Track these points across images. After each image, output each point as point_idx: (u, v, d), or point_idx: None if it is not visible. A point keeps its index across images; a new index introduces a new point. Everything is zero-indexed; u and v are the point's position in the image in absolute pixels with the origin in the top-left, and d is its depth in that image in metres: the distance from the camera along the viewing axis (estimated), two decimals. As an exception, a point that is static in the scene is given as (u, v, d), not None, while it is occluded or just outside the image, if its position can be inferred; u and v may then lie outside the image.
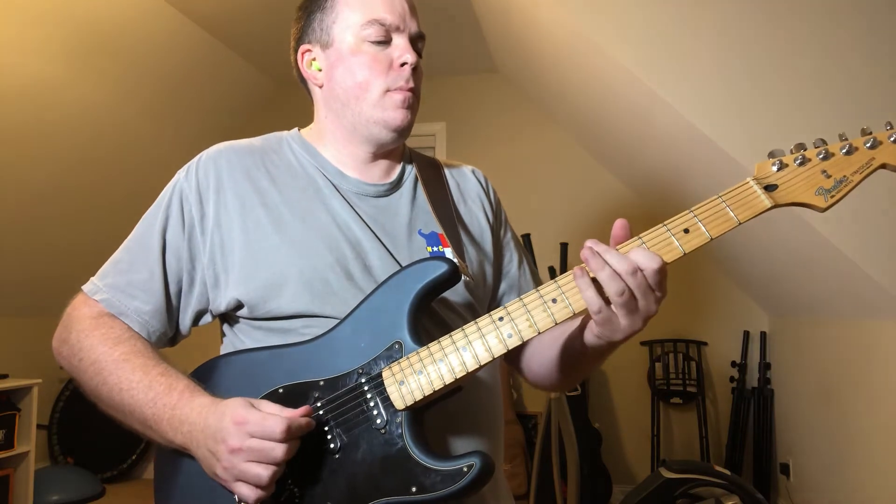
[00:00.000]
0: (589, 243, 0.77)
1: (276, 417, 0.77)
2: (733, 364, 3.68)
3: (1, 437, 3.17)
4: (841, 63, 1.97)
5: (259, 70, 4.12)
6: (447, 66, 4.07)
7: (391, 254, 0.95)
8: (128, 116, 3.54)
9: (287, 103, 4.36)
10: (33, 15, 2.77)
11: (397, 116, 0.97)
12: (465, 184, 1.12)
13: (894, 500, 2.21)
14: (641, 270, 0.75)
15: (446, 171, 1.11)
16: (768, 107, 2.05)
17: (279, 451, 0.76)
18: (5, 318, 3.74)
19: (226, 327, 1.00)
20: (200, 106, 3.98)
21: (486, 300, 1.05)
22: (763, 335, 3.62)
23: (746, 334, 3.67)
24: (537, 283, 1.13)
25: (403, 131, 0.99)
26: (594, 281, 0.77)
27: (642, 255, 0.76)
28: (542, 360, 1.01)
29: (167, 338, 0.98)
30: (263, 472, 0.76)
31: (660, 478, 2.52)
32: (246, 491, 0.77)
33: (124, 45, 3.19)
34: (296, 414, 0.78)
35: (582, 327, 0.87)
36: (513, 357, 1.08)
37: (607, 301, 0.77)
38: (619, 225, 0.80)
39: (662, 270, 0.76)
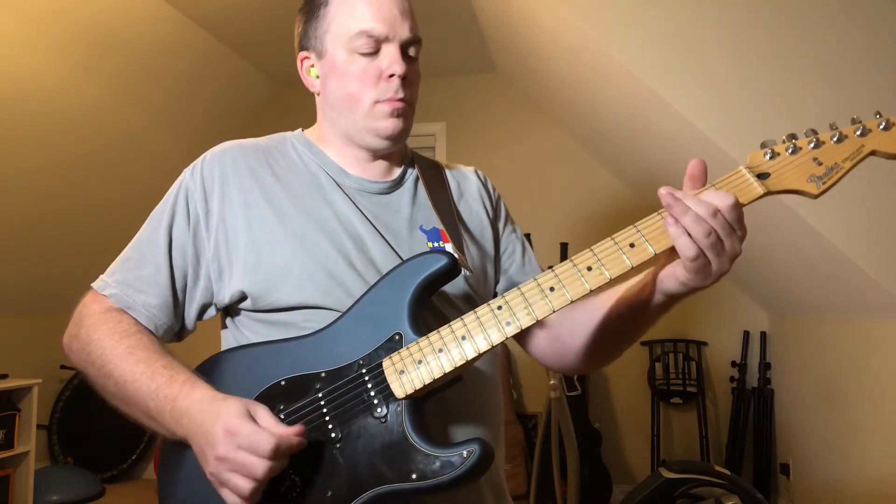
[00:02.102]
0: (664, 189, 0.77)
1: (266, 434, 0.76)
2: (733, 364, 3.69)
3: (1, 437, 3.17)
4: (837, 62, 1.98)
5: (259, 70, 4.13)
6: (447, 66, 4.07)
7: (393, 248, 0.97)
8: (128, 116, 3.55)
9: (287, 103, 4.36)
10: (33, 15, 2.78)
11: (388, 126, 0.98)
12: (466, 182, 1.14)
13: (895, 499, 2.21)
14: (720, 210, 0.76)
15: (447, 172, 1.13)
16: (767, 106, 2.06)
17: (261, 469, 0.75)
18: (5, 318, 3.74)
19: (227, 320, 1.02)
20: (200, 105, 3.99)
21: (486, 296, 1.06)
22: (763, 335, 3.62)
23: (746, 334, 3.68)
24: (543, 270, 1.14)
25: (396, 139, 1.00)
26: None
27: (715, 195, 0.77)
28: (578, 331, 0.99)
29: (173, 332, 0.99)
30: (244, 486, 0.76)
31: (660, 478, 2.52)
32: (230, 498, 0.78)
33: (124, 44, 3.20)
34: (288, 432, 0.78)
35: (648, 281, 0.87)
36: (533, 337, 1.06)
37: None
38: (697, 167, 0.81)
39: (738, 206, 0.77)
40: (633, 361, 3.83)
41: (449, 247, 0.99)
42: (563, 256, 3.69)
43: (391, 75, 0.96)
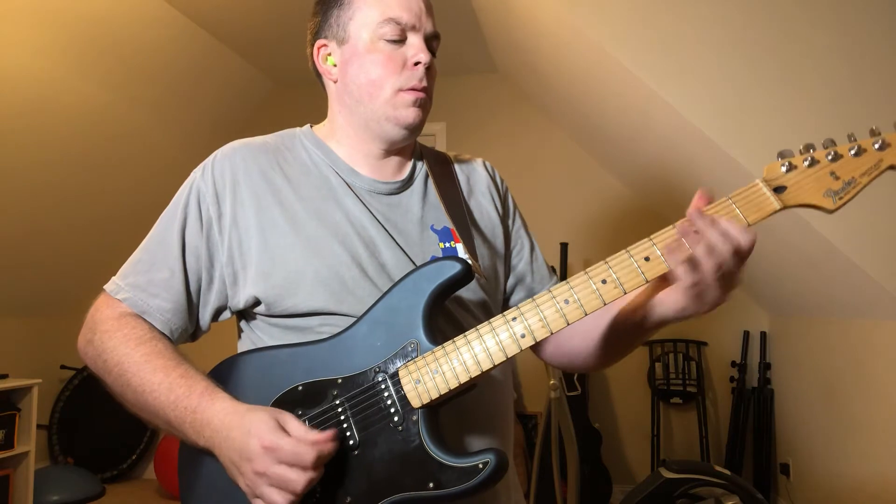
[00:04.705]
0: (693, 214, 0.76)
1: (306, 447, 0.77)
2: (733, 364, 3.69)
3: (1, 437, 3.17)
4: (841, 62, 1.98)
5: (258, 69, 4.13)
6: (447, 66, 4.07)
7: (404, 251, 0.97)
8: (127, 114, 3.54)
9: (287, 103, 4.36)
10: (33, 15, 2.78)
11: (409, 115, 0.97)
12: (475, 177, 1.13)
13: (895, 500, 2.21)
14: (740, 249, 0.75)
15: (456, 166, 1.12)
16: (768, 107, 2.06)
17: (302, 482, 0.77)
18: (5, 318, 3.74)
19: (243, 323, 1.01)
20: (200, 105, 3.99)
21: (497, 294, 1.07)
22: (763, 335, 3.62)
23: (746, 334, 3.68)
24: (548, 267, 1.15)
25: (415, 129, 1.00)
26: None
27: (738, 232, 0.76)
28: (584, 339, 1.01)
29: (188, 334, 0.99)
30: (282, 501, 0.77)
31: (660, 478, 2.52)
32: None
33: (123, 43, 3.19)
34: (322, 437, 0.79)
35: (640, 303, 0.87)
36: (543, 342, 1.08)
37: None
38: (704, 198, 0.80)
39: (753, 244, 0.76)
40: (633, 361, 3.83)
41: (460, 247, 0.99)
42: (563, 256, 3.69)
43: (416, 63, 0.96)
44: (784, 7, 2.03)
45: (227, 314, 1.00)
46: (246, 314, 0.99)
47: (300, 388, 0.87)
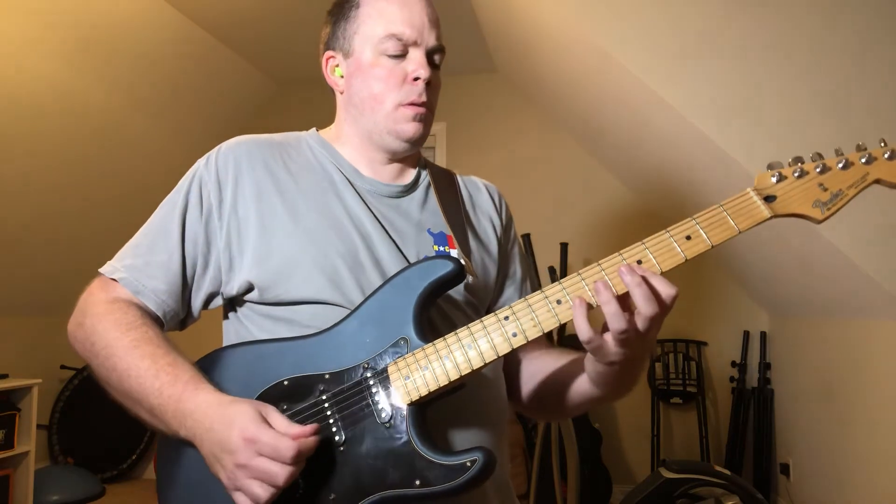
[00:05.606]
0: (623, 268, 0.78)
1: (287, 440, 0.76)
2: (733, 364, 3.69)
3: (1, 437, 3.18)
4: (842, 62, 1.98)
5: (260, 71, 4.13)
6: (447, 66, 4.01)
7: (399, 249, 0.98)
8: (129, 116, 3.55)
9: (288, 104, 4.36)
10: (37, 17, 2.78)
11: (409, 129, 1.00)
12: (478, 195, 1.15)
13: (894, 500, 2.21)
14: (654, 316, 0.77)
15: (459, 181, 1.15)
16: (768, 107, 2.06)
17: (283, 476, 0.75)
18: (5, 318, 3.74)
19: (231, 314, 1.02)
20: (201, 106, 3.99)
21: (488, 303, 1.07)
22: (763, 335, 3.62)
23: (746, 334, 3.68)
24: None
25: (416, 142, 1.02)
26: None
27: (662, 286, 0.78)
28: (543, 389, 1.04)
29: (178, 319, 0.99)
30: (262, 493, 0.76)
31: (660, 478, 2.52)
32: (243, 502, 0.77)
33: (126, 46, 3.20)
34: (304, 431, 0.78)
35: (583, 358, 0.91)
36: (510, 380, 1.09)
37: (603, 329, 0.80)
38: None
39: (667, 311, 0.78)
40: (633, 361, 3.82)
41: (455, 253, 1.00)
42: (563, 256, 3.69)
43: (416, 79, 0.98)
44: (785, 8, 2.03)
45: (218, 300, 1.01)
46: (236, 302, 1.00)
47: (286, 382, 0.86)
